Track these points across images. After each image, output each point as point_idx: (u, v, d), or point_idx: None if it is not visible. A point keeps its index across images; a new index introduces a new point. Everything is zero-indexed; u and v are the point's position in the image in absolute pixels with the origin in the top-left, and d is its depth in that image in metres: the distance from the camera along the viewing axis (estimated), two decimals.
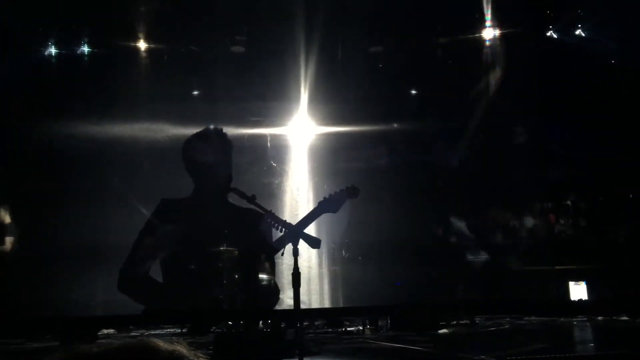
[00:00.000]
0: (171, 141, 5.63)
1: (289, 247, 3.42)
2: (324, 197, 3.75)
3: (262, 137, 6.61)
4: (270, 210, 3.62)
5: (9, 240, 6.95)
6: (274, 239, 3.64)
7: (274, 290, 3.68)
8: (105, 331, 4.50)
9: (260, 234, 3.68)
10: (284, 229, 3.56)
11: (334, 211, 3.81)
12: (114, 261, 4.29)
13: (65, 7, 6.31)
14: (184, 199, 3.77)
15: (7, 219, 6.98)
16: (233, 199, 3.73)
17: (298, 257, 3.21)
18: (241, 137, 6.39)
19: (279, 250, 3.60)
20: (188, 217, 3.72)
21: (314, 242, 3.56)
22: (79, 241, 5.59)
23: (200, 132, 3.95)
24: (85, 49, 6.72)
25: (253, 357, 2.93)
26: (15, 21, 6.18)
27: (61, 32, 6.58)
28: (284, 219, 3.59)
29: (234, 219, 3.71)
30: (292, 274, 3.24)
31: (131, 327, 4.67)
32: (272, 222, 3.58)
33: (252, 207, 3.62)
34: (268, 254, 3.65)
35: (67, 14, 6.43)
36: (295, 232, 3.48)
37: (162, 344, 0.85)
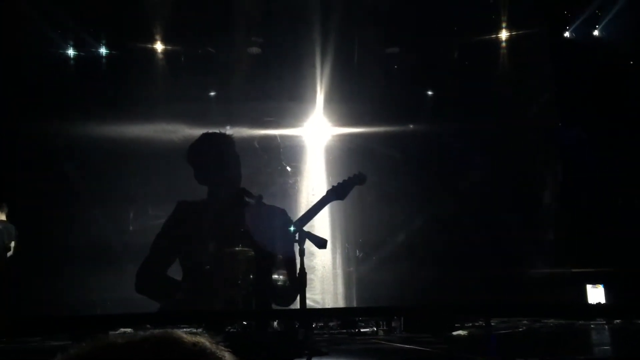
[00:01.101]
0: (187, 142, 5.66)
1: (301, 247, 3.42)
2: (332, 186, 3.75)
3: (277, 138, 6.62)
4: (283, 209, 3.64)
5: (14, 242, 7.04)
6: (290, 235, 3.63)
7: (289, 290, 3.68)
8: (122, 330, 4.55)
9: (276, 233, 3.68)
10: (294, 228, 3.56)
11: (342, 198, 3.80)
12: (129, 260, 4.33)
13: (83, 10, 6.39)
14: (201, 201, 3.80)
15: (2, 217, 7.08)
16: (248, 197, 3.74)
17: (312, 257, 3.22)
18: (256, 138, 6.42)
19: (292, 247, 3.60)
20: (205, 218, 3.74)
21: (320, 243, 3.55)
22: (95, 241, 5.65)
23: (200, 137, 3.95)
24: (103, 50, 6.79)
25: (262, 357, 2.93)
26: (35, 23, 6.27)
27: (79, 34, 6.65)
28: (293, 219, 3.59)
29: (251, 218, 3.72)
30: (299, 274, 3.24)
31: (148, 325, 4.71)
32: (289, 217, 3.59)
33: (269, 205, 3.63)
34: (285, 252, 3.65)
35: (85, 16, 6.50)
36: (302, 233, 3.47)
37: (185, 336, 0.87)
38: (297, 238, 3.36)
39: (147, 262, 3.63)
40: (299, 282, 3.24)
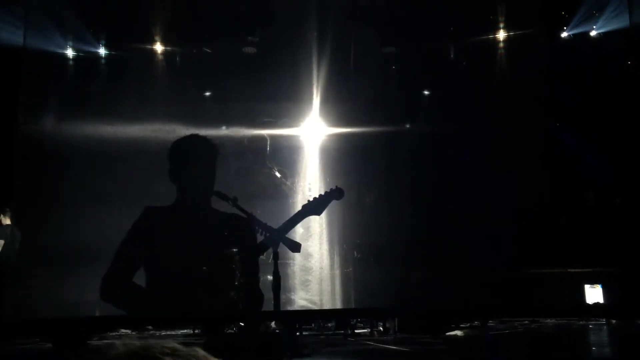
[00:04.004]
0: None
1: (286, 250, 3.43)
2: (308, 200, 3.72)
3: (274, 138, 6.60)
4: (251, 213, 3.60)
5: (17, 243, 7.03)
6: (256, 242, 3.63)
7: (258, 295, 3.67)
8: (123, 331, 4.54)
9: (243, 239, 3.65)
10: (265, 233, 3.54)
11: (318, 214, 3.78)
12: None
13: (81, 10, 6.38)
14: (167, 207, 3.77)
15: (7, 221, 7.07)
16: (216, 204, 3.71)
17: (310, 258, 3.21)
18: (251, 138, 6.40)
19: (261, 254, 3.59)
20: (171, 223, 3.70)
21: (294, 246, 3.54)
22: (90, 242, 5.62)
23: (180, 138, 3.93)
24: (100, 50, 6.78)
25: (244, 359, 2.92)
26: (33, 23, 6.25)
27: (77, 34, 6.63)
28: (265, 222, 3.57)
29: (216, 225, 3.69)
30: (273, 277, 3.24)
31: (149, 327, 4.70)
32: (254, 226, 3.56)
33: (235, 211, 3.60)
34: (251, 258, 3.63)
35: (82, 17, 6.49)
36: (276, 237, 3.46)
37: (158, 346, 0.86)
38: (273, 243, 3.38)
39: (111, 269, 3.58)
40: (272, 284, 3.24)
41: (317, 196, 3.72)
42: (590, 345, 3.88)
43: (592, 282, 5.82)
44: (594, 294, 5.75)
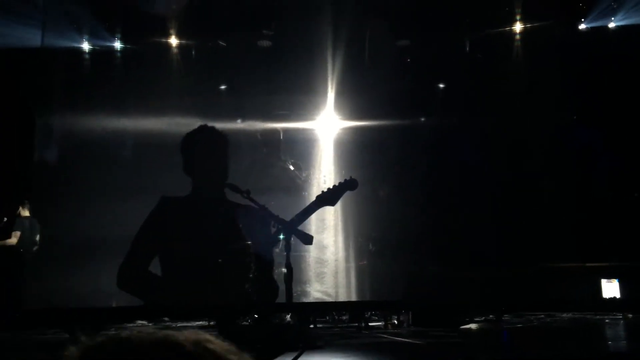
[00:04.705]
0: None
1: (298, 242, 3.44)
2: (322, 191, 3.72)
3: (288, 131, 6.61)
4: (264, 205, 3.61)
5: (36, 235, 7.16)
6: (271, 234, 3.64)
7: (272, 286, 3.68)
8: (139, 322, 4.59)
9: (257, 230, 3.67)
10: (278, 225, 3.55)
11: (332, 204, 3.78)
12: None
13: (97, 4, 6.42)
14: (183, 197, 3.79)
15: (26, 213, 7.20)
16: (230, 195, 3.72)
17: (325, 250, 3.22)
18: (266, 131, 6.42)
19: (275, 246, 3.60)
20: (186, 214, 3.73)
21: (305, 239, 3.55)
22: (107, 233, 5.68)
23: (194, 130, 3.95)
24: (116, 44, 6.82)
25: (254, 351, 2.94)
26: (50, 18, 6.32)
27: (93, 29, 6.68)
28: (277, 215, 3.58)
29: (231, 216, 3.71)
30: (285, 268, 3.25)
31: (165, 318, 4.74)
32: (267, 218, 3.57)
33: (249, 203, 3.62)
34: (264, 249, 3.64)
35: (98, 11, 6.53)
36: (289, 228, 3.47)
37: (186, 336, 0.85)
38: (283, 235, 3.39)
39: (128, 258, 3.62)
40: (285, 276, 3.26)
41: (331, 187, 3.73)
42: (606, 339, 3.86)
43: (609, 276, 5.77)
44: (610, 289, 5.70)
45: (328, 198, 3.69)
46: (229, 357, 0.85)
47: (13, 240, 7.31)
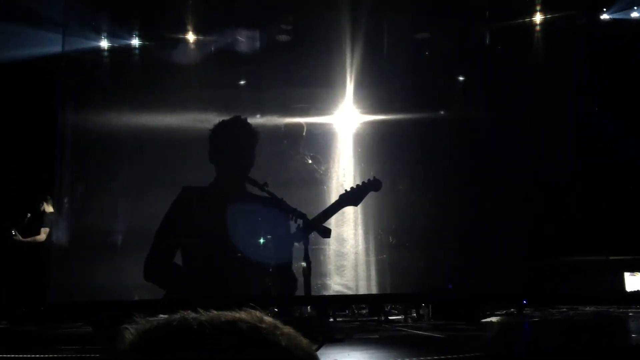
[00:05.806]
0: None
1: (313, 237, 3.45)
2: (345, 190, 3.72)
3: (307, 124, 6.61)
4: (282, 199, 3.62)
5: (63, 229, 7.25)
6: (289, 227, 3.65)
7: (291, 279, 3.69)
8: (161, 316, 4.63)
9: (275, 222, 3.68)
10: (296, 219, 3.56)
11: (356, 204, 3.78)
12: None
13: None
14: (204, 187, 3.81)
15: (51, 209, 7.30)
16: (252, 189, 3.74)
17: (345, 243, 3.24)
18: (286, 125, 6.43)
19: (297, 241, 3.62)
20: (207, 204, 3.76)
21: (324, 232, 3.55)
22: (131, 228, 5.75)
23: (224, 120, 3.97)
24: (135, 42, 6.88)
25: None
26: (68, 15, 6.39)
27: (111, 25, 6.74)
28: (295, 208, 3.58)
29: (251, 207, 3.73)
30: (304, 262, 3.27)
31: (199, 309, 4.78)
32: (284, 210, 3.58)
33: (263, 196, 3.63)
34: (284, 242, 3.66)
35: (116, 7, 6.59)
36: (308, 222, 3.48)
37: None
38: (301, 228, 3.40)
39: (152, 251, 3.65)
40: (303, 269, 3.27)
41: (354, 186, 3.73)
42: (630, 332, 3.82)
43: (633, 269, 5.71)
44: (634, 282, 5.63)
45: (351, 198, 3.70)
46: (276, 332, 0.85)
47: (42, 236, 7.41)
